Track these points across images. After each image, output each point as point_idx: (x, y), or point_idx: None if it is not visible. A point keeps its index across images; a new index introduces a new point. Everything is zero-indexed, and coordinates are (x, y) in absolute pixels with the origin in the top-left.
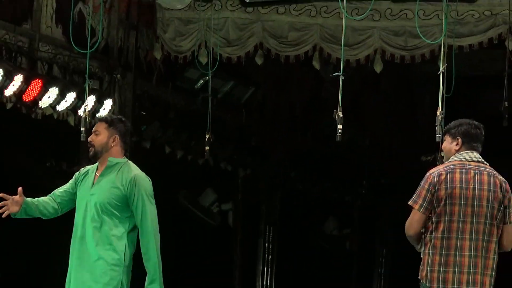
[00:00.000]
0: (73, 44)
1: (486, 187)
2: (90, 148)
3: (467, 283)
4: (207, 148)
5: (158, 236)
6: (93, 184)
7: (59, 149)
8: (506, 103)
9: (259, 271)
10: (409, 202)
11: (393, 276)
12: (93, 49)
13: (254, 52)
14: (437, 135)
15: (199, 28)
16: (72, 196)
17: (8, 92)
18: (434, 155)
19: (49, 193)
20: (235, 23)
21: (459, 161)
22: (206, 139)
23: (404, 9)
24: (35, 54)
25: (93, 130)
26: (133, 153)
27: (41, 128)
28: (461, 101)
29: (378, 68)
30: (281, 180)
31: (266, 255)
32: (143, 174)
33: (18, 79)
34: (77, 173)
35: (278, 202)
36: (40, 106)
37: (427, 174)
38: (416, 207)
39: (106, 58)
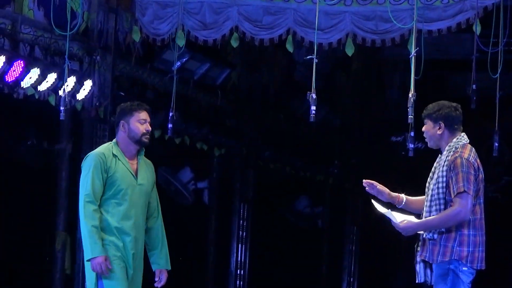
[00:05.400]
0: (54, 26)
1: None
2: (148, 137)
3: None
4: (170, 125)
5: None
6: (135, 173)
7: (40, 128)
8: (474, 86)
9: (233, 248)
10: (463, 189)
11: (364, 253)
12: (73, 31)
13: (229, 35)
14: (409, 116)
15: (176, 11)
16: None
17: None
18: (404, 136)
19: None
20: (211, 7)
21: (470, 145)
22: (170, 117)
23: None
24: (17, 36)
25: (147, 120)
26: (112, 133)
27: (22, 108)
28: (430, 84)
29: (349, 51)
30: (255, 160)
31: (240, 232)
32: None
33: (1, 60)
34: (100, 162)
35: (252, 180)
36: (22, 86)
37: (464, 160)
38: (471, 192)
39: (86, 40)
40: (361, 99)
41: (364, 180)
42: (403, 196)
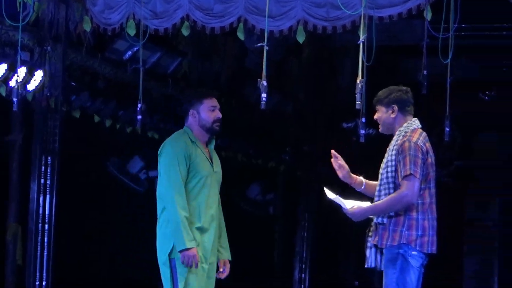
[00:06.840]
0: (5, 17)
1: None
2: (219, 125)
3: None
4: (139, 117)
5: None
6: (210, 160)
7: None
8: (425, 71)
9: None
10: (409, 172)
11: (316, 239)
12: (24, 22)
13: (180, 24)
14: (357, 103)
15: (127, 1)
16: None
17: None
18: (355, 122)
19: None
20: None
21: (422, 130)
22: (138, 108)
23: None
24: None
25: (216, 107)
26: (64, 122)
27: None
28: (381, 70)
29: (300, 38)
30: None
31: None
32: None
33: None
34: (183, 148)
35: None
36: None
37: (412, 144)
38: (417, 175)
39: (37, 30)
40: (313, 85)
41: (332, 150)
42: (361, 179)
